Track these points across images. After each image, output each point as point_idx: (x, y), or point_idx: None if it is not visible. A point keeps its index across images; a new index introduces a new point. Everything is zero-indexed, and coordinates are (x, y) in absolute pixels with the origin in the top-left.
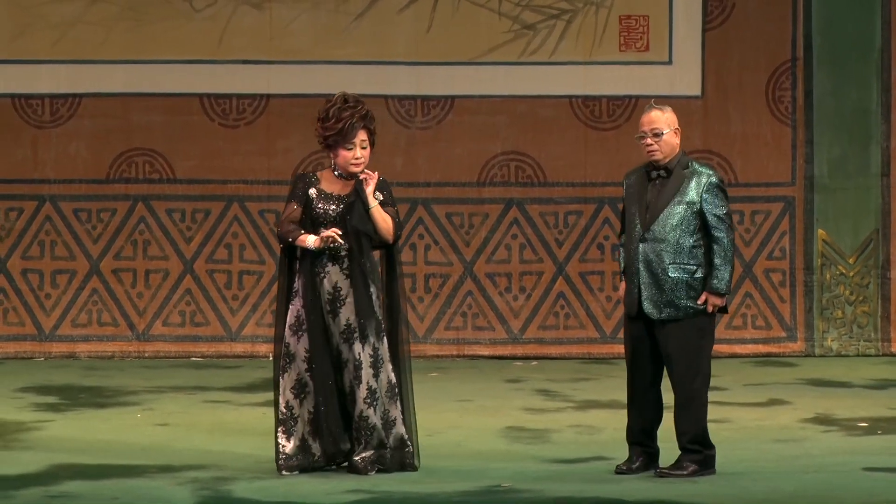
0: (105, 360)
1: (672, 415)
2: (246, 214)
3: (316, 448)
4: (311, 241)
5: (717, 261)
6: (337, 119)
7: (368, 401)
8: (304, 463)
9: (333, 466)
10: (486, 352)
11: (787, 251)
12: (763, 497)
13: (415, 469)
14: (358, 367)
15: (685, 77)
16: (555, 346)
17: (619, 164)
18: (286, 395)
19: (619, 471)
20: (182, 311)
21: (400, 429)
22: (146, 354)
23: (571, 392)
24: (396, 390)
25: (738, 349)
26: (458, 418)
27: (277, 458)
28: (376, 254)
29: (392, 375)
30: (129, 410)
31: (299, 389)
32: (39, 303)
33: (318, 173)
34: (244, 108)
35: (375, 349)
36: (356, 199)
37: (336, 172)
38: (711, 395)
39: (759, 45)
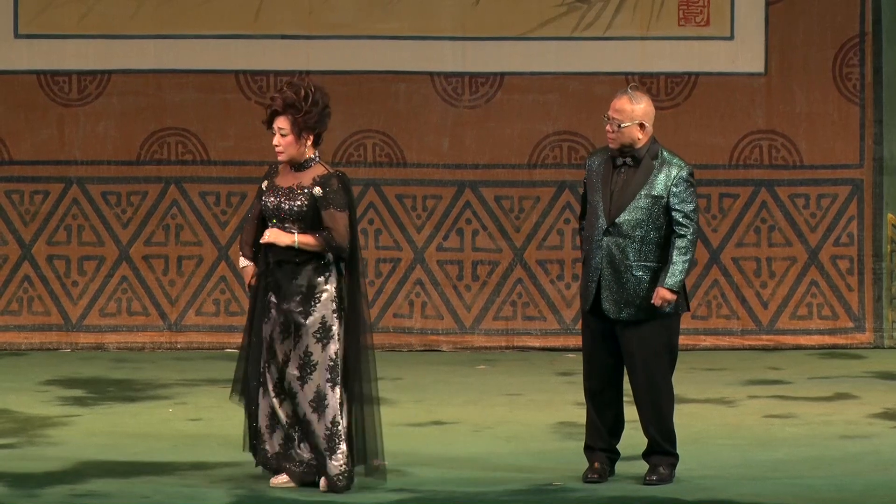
0: (135, 352)
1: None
2: None
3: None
4: (243, 267)
5: (675, 256)
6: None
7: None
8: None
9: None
10: (536, 343)
11: (855, 237)
12: (830, 496)
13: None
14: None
15: (747, 53)
16: None
17: (677, 144)
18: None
19: (588, 480)
20: (216, 299)
21: (319, 441)
22: (178, 346)
23: (626, 385)
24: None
25: (802, 340)
26: (508, 413)
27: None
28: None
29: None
30: (161, 405)
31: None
32: (66, 291)
33: (281, 165)
34: (282, 85)
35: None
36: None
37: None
38: (775, 389)
39: (826, 19)
